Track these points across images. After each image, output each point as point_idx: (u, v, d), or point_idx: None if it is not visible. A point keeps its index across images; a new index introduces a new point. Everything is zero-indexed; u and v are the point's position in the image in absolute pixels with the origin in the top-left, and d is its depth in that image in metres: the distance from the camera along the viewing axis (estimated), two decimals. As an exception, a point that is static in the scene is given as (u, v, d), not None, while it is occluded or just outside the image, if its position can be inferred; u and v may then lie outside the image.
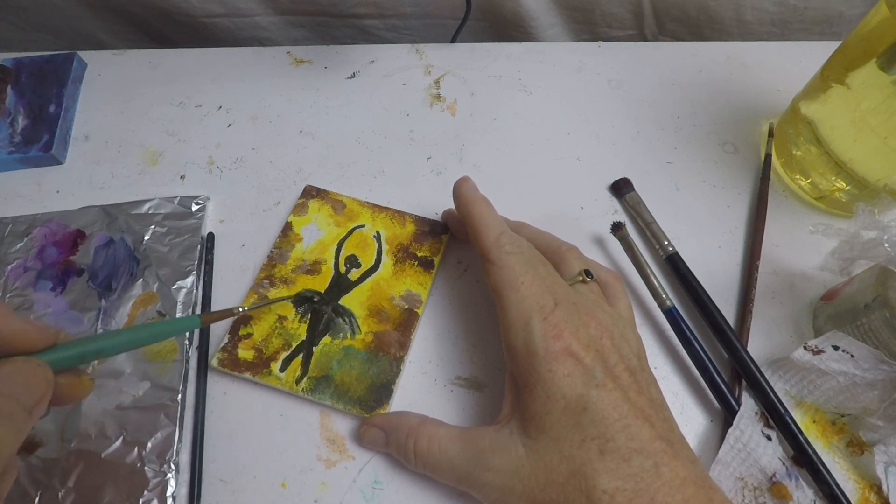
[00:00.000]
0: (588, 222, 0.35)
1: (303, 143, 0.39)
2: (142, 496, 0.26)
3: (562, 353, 0.22)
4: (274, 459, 0.28)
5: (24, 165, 0.37)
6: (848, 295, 0.29)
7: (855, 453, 0.27)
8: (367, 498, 0.27)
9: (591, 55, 0.42)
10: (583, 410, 0.21)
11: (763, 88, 0.40)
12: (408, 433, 0.25)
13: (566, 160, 0.38)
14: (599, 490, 0.20)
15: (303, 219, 0.34)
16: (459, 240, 0.34)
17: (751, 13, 0.46)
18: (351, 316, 0.30)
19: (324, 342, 0.30)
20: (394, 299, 0.31)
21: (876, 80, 0.29)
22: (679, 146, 0.38)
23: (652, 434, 0.21)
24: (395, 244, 0.33)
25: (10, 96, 0.39)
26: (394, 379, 0.29)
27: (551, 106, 0.40)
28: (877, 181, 0.31)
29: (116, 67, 0.42)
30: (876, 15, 0.29)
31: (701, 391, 0.29)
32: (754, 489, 0.26)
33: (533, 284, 0.25)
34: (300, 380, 0.28)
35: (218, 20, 0.48)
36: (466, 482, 0.24)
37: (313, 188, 0.35)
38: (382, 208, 0.34)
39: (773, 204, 0.35)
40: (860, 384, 0.26)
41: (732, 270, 0.33)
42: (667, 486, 0.20)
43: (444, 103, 0.40)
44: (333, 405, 0.28)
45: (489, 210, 0.28)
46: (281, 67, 0.42)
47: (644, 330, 0.31)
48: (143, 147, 0.38)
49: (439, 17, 0.48)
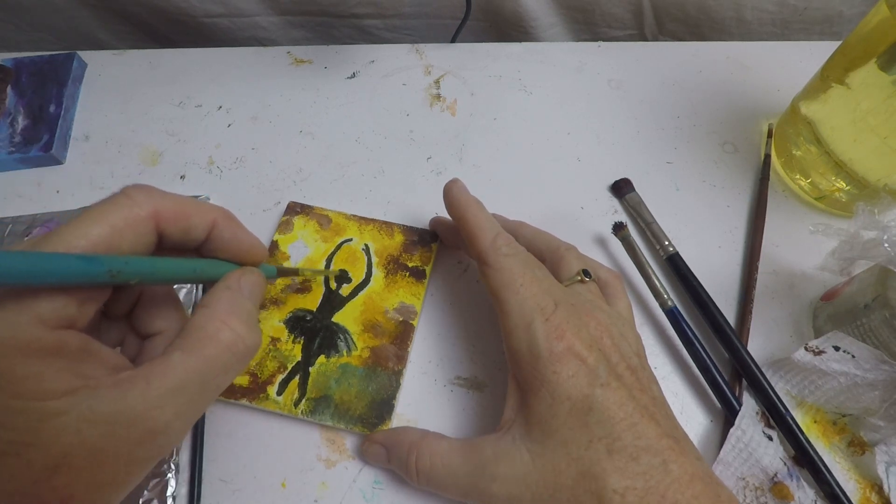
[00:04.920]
0: (588, 222, 0.35)
1: (303, 143, 0.38)
2: (142, 496, 0.26)
3: (565, 353, 0.22)
4: (274, 459, 0.28)
5: (24, 165, 0.37)
6: (848, 295, 0.29)
7: (856, 453, 0.27)
8: (367, 498, 0.27)
9: (591, 55, 0.42)
10: (588, 411, 0.21)
11: (763, 88, 0.40)
12: (409, 449, 0.25)
13: (566, 160, 0.38)
14: (610, 490, 0.20)
15: (288, 236, 0.33)
16: (449, 246, 0.33)
17: (751, 13, 0.46)
18: (345, 332, 0.30)
19: (320, 361, 0.29)
20: (388, 312, 0.31)
21: (876, 80, 0.29)
22: (679, 146, 0.38)
23: (658, 432, 0.21)
24: (385, 256, 0.32)
25: (10, 96, 0.39)
26: (394, 393, 0.28)
27: (551, 106, 0.40)
28: (877, 181, 0.31)
29: (116, 67, 0.42)
30: (876, 15, 0.29)
31: (701, 391, 0.29)
32: (756, 489, 0.26)
33: (532, 286, 0.24)
34: (299, 402, 0.28)
35: (218, 20, 0.48)
36: (472, 495, 0.23)
37: (297, 204, 0.34)
38: (369, 220, 0.34)
39: (772, 204, 0.35)
40: (861, 384, 0.26)
41: (732, 270, 0.33)
42: (676, 483, 0.20)
43: (444, 103, 0.40)
44: (335, 425, 0.27)
45: (483, 212, 0.28)
46: (281, 67, 0.42)
47: (645, 330, 0.31)
48: (143, 147, 0.38)
49: (439, 17, 0.48)
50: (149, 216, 0.19)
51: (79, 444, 0.16)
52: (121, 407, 0.17)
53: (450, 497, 0.25)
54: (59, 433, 0.16)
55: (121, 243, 0.19)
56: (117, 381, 0.17)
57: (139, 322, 0.22)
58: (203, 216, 0.21)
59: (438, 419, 0.29)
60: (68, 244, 0.17)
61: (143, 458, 0.18)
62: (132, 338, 0.22)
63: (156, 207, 0.20)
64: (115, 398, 0.17)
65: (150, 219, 0.20)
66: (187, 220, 0.21)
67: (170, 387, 0.18)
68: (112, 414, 0.17)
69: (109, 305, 0.21)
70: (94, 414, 0.16)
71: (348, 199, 0.36)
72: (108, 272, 0.18)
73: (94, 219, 0.18)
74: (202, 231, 0.21)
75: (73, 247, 0.17)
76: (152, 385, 0.17)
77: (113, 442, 0.17)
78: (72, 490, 0.17)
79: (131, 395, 0.17)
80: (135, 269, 0.19)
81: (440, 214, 0.33)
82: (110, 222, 0.18)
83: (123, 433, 0.17)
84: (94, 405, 0.17)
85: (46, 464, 0.16)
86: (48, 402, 0.16)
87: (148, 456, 0.18)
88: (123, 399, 0.17)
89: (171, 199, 0.20)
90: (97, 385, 0.17)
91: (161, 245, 0.21)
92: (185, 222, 0.21)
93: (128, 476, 0.18)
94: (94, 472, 0.17)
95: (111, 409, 0.17)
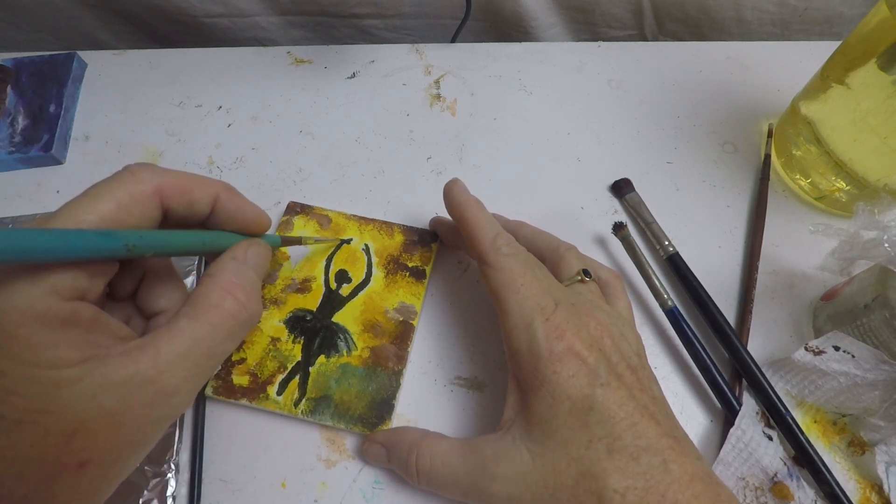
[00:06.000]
0: (588, 222, 0.35)
1: (303, 143, 0.38)
2: (142, 496, 0.26)
3: (565, 353, 0.22)
4: (274, 459, 0.28)
5: (24, 165, 0.37)
6: (848, 295, 0.29)
7: (856, 453, 0.27)
8: (367, 498, 0.27)
9: (591, 55, 0.42)
10: (589, 410, 0.21)
11: (763, 88, 0.40)
12: (409, 449, 0.25)
13: (566, 160, 0.38)
14: (611, 490, 0.20)
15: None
16: (449, 246, 0.33)
17: (751, 13, 0.46)
18: (345, 332, 0.30)
19: (320, 361, 0.29)
20: (388, 312, 0.31)
21: (876, 80, 0.29)
22: (679, 146, 0.38)
23: (658, 431, 0.21)
24: (385, 256, 0.32)
25: (10, 96, 0.39)
26: (394, 393, 0.28)
27: (551, 106, 0.40)
28: (877, 181, 0.31)
29: (116, 67, 0.42)
30: (876, 15, 0.29)
31: (701, 391, 0.29)
32: (756, 489, 0.26)
33: (532, 286, 0.24)
34: (299, 402, 0.28)
35: (218, 20, 0.48)
36: (472, 495, 0.23)
37: (297, 204, 0.34)
38: (369, 220, 0.34)
39: (772, 204, 0.35)
40: (861, 384, 0.26)
41: (732, 270, 0.33)
42: (677, 483, 0.20)
43: (444, 103, 0.40)
44: (335, 425, 0.27)
45: (483, 212, 0.28)
46: (281, 67, 0.42)
47: (645, 330, 0.31)
48: (144, 147, 0.38)
49: (439, 17, 0.48)
50: (153, 191, 0.20)
51: (94, 410, 0.17)
52: (132, 371, 0.18)
53: (450, 497, 0.25)
54: (74, 400, 0.17)
55: (127, 219, 0.19)
56: (127, 349, 0.18)
57: (144, 301, 0.23)
58: (205, 190, 0.22)
59: (438, 419, 0.29)
60: (78, 220, 0.18)
61: (157, 419, 0.19)
62: (137, 318, 0.23)
63: (159, 183, 0.20)
64: (127, 364, 0.18)
65: (155, 194, 0.20)
66: (191, 194, 0.21)
67: (178, 352, 0.19)
68: (125, 378, 0.18)
69: (115, 286, 0.22)
70: (107, 380, 0.17)
71: (348, 199, 0.36)
72: (125, 247, 0.18)
73: (101, 195, 0.19)
74: (206, 205, 0.22)
75: (83, 222, 0.18)
76: (161, 351, 0.18)
77: (127, 405, 0.18)
78: (90, 453, 0.17)
79: (142, 360, 0.18)
80: (149, 243, 0.19)
81: (440, 214, 0.33)
82: (116, 198, 0.19)
83: (136, 396, 0.18)
84: (106, 372, 0.17)
85: (63, 430, 0.17)
86: (63, 370, 0.17)
87: (161, 416, 0.19)
88: (135, 364, 0.18)
89: (173, 175, 0.21)
90: (108, 353, 0.18)
91: (166, 220, 0.21)
92: (189, 196, 0.21)
93: (142, 437, 0.19)
94: (110, 435, 0.18)
95: (123, 374, 0.18)
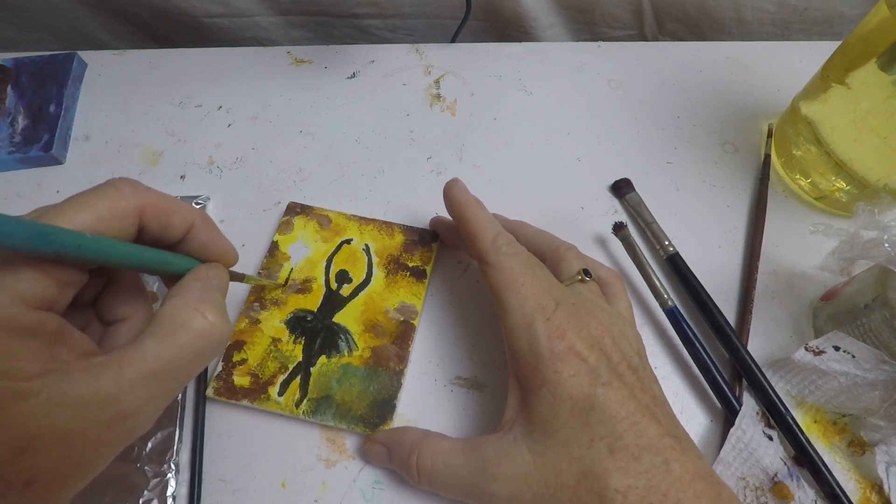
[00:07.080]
0: (588, 222, 0.35)
1: (303, 143, 0.38)
2: (142, 496, 0.26)
3: (566, 353, 0.22)
4: (274, 459, 0.28)
5: (24, 165, 0.37)
6: (848, 295, 0.29)
7: (856, 453, 0.27)
8: (367, 498, 0.27)
9: (591, 55, 0.42)
10: (590, 410, 0.21)
11: (763, 88, 0.40)
12: (410, 449, 0.25)
13: (566, 160, 0.38)
14: (612, 489, 0.20)
15: (289, 237, 0.33)
16: (449, 246, 0.33)
17: (751, 13, 0.46)
18: (346, 333, 0.30)
19: (321, 362, 0.29)
20: (388, 312, 0.31)
21: (876, 80, 0.29)
22: (679, 146, 0.38)
23: (659, 431, 0.21)
24: (386, 256, 0.32)
25: (10, 96, 0.39)
26: (395, 393, 0.28)
27: (551, 106, 0.40)
28: (877, 181, 0.31)
29: (116, 67, 0.42)
30: (876, 15, 0.29)
31: (701, 391, 0.29)
32: (756, 489, 0.26)
33: (533, 285, 0.24)
34: (300, 402, 0.28)
35: (218, 20, 0.48)
36: (473, 495, 0.23)
37: (297, 204, 0.34)
38: (369, 220, 0.34)
39: (772, 204, 0.35)
40: (861, 384, 0.26)
41: (732, 270, 0.33)
42: (678, 482, 0.20)
43: (444, 103, 0.40)
44: (336, 425, 0.27)
45: (483, 212, 0.28)
46: (281, 67, 0.42)
47: (646, 330, 0.31)
48: (143, 147, 0.38)
49: (439, 17, 0.48)
50: (134, 209, 0.20)
51: (48, 427, 0.16)
52: (93, 389, 0.17)
53: (450, 497, 0.25)
54: (28, 415, 0.16)
55: (105, 232, 0.19)
56: (89, 365, 0.18)
57: (104, 308, 0.22)
58: (183, 216, 0.22)
59: (439, 419, 0.29)
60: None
61: (113, 441, 0.18)
62: (96, 324, 0.22)
63: (141, 201, 0.20)
64: (88, 381, 0.17)
65: (136, 212, 0.20)
66: (168, 217, 0.21)
67: (143, 372, 0.18)
68: (84, 396, 0.17)
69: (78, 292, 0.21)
70: (65, 397, 0.16)
71: (348, 199, 0.36)
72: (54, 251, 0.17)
73: (82, 205, 0.19)
74: (180, 230, 0.22)
75: None
76: (125, 370, 0.18)
77: (83, 425, 0.17)
78: (37, 471, 0.17)
79: (104, 379, 0.17)
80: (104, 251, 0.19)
81: (440, 214, 0.33)
82: (97, 210, 0.19)
83: (94, 416, 0.17)
84: (66, 388, 0.17)
85: (12, 446, 0.16)
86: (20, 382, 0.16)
87: (117, 439, 0.18)
88: (96, 382, 0.17)
89: (155, 196, 0.21)
90: (69, 369, 0.17)
91: (139, 238, 0.21)
92: (166, 220, 0.21)
93: (96, 458, 0.18)
94: (62, 454, 0.17)
95: (83, 392, 0.17)
